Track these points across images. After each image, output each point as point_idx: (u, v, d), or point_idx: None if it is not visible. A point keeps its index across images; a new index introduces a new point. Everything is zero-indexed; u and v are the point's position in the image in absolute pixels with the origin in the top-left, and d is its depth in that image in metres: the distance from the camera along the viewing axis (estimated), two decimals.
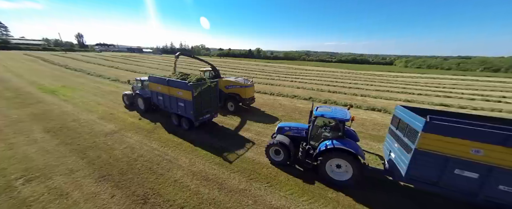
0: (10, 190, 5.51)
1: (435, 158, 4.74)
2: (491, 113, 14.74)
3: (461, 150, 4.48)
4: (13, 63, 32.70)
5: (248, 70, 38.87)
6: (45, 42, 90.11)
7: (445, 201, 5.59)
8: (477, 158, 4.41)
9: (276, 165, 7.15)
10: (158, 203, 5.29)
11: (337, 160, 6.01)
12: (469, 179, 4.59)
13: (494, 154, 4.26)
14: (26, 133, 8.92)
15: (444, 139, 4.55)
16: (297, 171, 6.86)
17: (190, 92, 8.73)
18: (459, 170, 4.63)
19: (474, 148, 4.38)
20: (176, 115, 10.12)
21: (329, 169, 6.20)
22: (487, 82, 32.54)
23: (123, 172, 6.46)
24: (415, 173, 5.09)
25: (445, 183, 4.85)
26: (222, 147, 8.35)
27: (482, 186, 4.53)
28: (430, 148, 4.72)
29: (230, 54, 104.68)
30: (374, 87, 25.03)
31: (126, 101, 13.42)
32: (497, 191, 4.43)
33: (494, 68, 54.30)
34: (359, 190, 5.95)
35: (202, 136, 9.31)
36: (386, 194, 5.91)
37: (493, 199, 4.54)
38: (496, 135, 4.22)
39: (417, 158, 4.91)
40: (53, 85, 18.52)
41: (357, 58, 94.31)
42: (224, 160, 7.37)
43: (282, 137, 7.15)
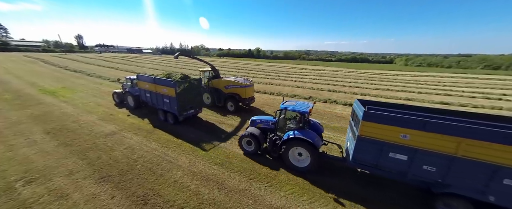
0: (10, 191, 5.51)
1: (373, 143, 5.37)
2: (484, 110, 14.70)
3: (393, 135, 5.08)
4: (13, 65, 32.72)
5: (247, 70, 38.83)
6: (45, 43, 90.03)
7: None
8: (405, 142, 5.00)
9: (248, 156, 7.66)
10: (158, 204, 5.29)
11: (298, 149, 6.63)
12: (400, 161, 5.20)
13: (417, 138, 4.84)
14: (26, 134, 8.93)
15: (379, 127, 5.16)
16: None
17: (174, 89, 9.45)
18: (392, 153, 5.24)
19: (402, 134, 4.97)
20: (163, 110, 10.76)
21: (292, 157, 6.82)
22: (488, 80, 32.44)
23: (123, 173, 6.46)
24: (359, 158, 5.75)
25: (382, 165, 5.48)
26: (222, 147, 8.35)
27: (410, 167, 5.12)
28: (369, 134, 5.34)
29: (230, 54, 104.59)
30: (374, 86, 24.97)
31: (117, 99, 13.96)
32: (422, 170, 5.03)
33: (494, 66, 54.08)
34: (318, 175, 6.61)
35: (203, 135, 9.30)
36: (339, 178, 6.60)
37: (418, 178, 5.16)
38: (417, 122, 4.79)
39: (359, 144, 5.57)
40: (53, 87, 18.53)
41: (357, 57, 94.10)
42: (224, 160, 7.37)
43: (253, 129, 7.75)
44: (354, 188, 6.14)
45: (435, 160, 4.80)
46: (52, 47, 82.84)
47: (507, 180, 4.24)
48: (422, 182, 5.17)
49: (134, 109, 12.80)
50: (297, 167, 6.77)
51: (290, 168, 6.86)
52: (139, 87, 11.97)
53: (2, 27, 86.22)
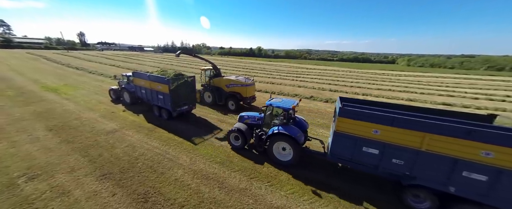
0: (12, 188, 5.56)
1: (348, 138, 5.69)
2: (487, 112, 14.55)
3: (365, 131, 5.39)
4: (16, 62, 32.92)
5: (249, 69, 38.76)
6: (47, 40, 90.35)
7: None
8: (376, 137, 5.31)
9: (236, 150, 7.94)
10: (158, 202, 5.30)
11: (282, 144, 6.93)
12: (372, 155, 5.50)
13: (387, 133, 5.14)
14: (28, 131, 8.99)
15: (354, 123, 5.50)
16: (299, 170, 6.84)
17: (167, 85, 9.82)
18: (366, 148, 5.55)
19: (374, 129, 5.27)
20: (157, 106, 11.12)
21: (276, 151, 7.15)
22: (491, 81, 32.13)
23: (124, 171, 6.49)
24: (336, 152, 6.09)
25: (357, 159, 5.78)
26: (223, 145, 8.35)
27: (381, 160, 5.43)
28: (345, 130, 5.68)
29: (231, 52, 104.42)
30: (376, 86, 24.84)
31: (113, 96, 14.33)
32: (391, 163, 5.32)
33: (498, 66, 53.48)
34: (301, 168, 6.92)
35: (204, 134, 9.31)
36: (318, 171, 6.92)
37: (389, 171, 5.45)
38: (386, 118, 5.09)
39: (336, 139, 5.92)
40: (55, 84, 18.63)
41: (359, 57, 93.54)
42: (224, 159, 7.38)
43: (240, 125, 8.02)
44: (333, 180, 6.42)
45: (403, 154, 5.10)
46: (55, 45, 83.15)
47: (465, 172, 4.51)
48: (392, 174, 5.44)
49: (130, 105, 13.19)
50: (281, 161, 7.06)
51: (274, 162, 7.17)
52: (135, 84, 12.33)
53: (5, 24, 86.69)
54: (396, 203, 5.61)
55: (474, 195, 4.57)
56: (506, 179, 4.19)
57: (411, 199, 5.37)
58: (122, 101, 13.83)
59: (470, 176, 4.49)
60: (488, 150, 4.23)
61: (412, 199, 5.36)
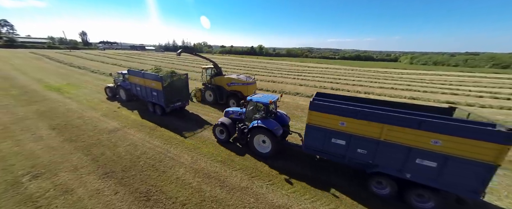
0: (17, 186, 5.64)
1: (319, 130, 6.08)
2: (492, 110, 14.36)
3: (333, 123, 5.79)
4: (19, 61, 33.24)
5: (250, 68, 38.67)
6: (50, 40, 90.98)
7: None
8: (343, 129, 5.70)
9: (221, 144, 8.38)
10: (160, 200, 5.34)
11: (261, 136, 7.33)
12: (340, 146, 5.91)
13: (352, 125, 5.53)
14: (32, 130, 9.09)
15: (323, 116, 5.88)
16: (298, 170, 6.83)
17: (161, 82, 10.26)
18: (334, 139, 5.95)
19: (340, 121, 5.65)
20: (151, 103, 11.57)
21: (257, 144, 7.56)
22: (496, 79, 31.64)
23: (126, 169, 6.54)
24: (309, 144, 6.49)
25: (327, 150, 6.20)
26: (224, 144, 8.35)
27: (347, 150, 5.84)
28: (315, 122, 6.08)
29: (232, 51, 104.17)
30: (378, 84, 24.63)
31: (109, 93, 14.61)
32: (357, 153, 5.72)
33: (503, 64, 52.65)
34: (280, 159, 7.35)
35: (205, 133, 9.33)
36: (294, 161, 7.32)
37: (354, 160, 5.86)
38: (351, 111, 5.47)
39: (308, 132, 6.32)
40: (58, 83, 18.78)
41: (361, 55, 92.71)
42: (226, 158, 7.39)
43: (225, 119, 8.45)
44: (309, 170, 6.86)
45: (366, 143, 5.50)
46: (57, 44, 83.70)
47: (418, 159, 4.91)
48: (358, 163, 5.86)
49: (126, 102, 13.67)
50: (261, 153, 7.48)
51: (255, 154, 7.58)
52: (130, 81, 12.74)
53: (8, 24, 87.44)
54: (335, 184, 6.17)
55: (426, 180, 4.98)
56: (451, 165, 4.60)
57: (374, 186, 5.81)
58: (118, 98, 14.26)
59: (423, 163, 4.89)
60: (436, 138, 4.59)
61: (376, 186, 5.80)
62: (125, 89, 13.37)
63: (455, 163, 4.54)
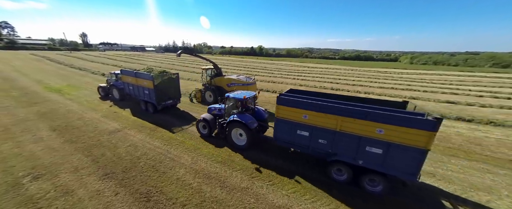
0: (18, 187, 5.65)
1: (286, 123, 6.59)
2: (492, 110, 14.34)
3: (297, 116, 6.28)
4: (20, 63, 33.34)
5: (250, 68, 38.71)
6: (50, 41, 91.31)
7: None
8: (306, 121, 6.20)
9: (204, 138, 8.89)
10: (160, 201, 5.34)
11: (238, 130, 7.84)
12: (304, 137, 6.40)
13: (313, 117, 6.02)
14: (33, 131, 9.11)
15: (289, 109, 6.38)
16: (299, 170, 6.83)
17: (152, 81, 10.79)
18: (299, 131, 6.43)
19: (303, 114, 6.15)
20: (144, 101, 12.05)
21: (235, 137, 8.05)
22: (496, 78, 31.61)
23: (126, 170, 6.54)
24: (278, 136, 7.02)
25: (294, 141, 6.67)
26: (224, 145, 8.36)
27: (311, 141, 6.33)
28: (282, 116, 6.60)
29: (232, 52, 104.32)
30: (378, 84, 24.62)
31: (102, 93, 15.00)
32: (318, 143, 6.24)
33: (503, 64, 52.58)
34: (254, 150, 7.87)
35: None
36: (267, 153, 7.85)
37: (317, 150, 6.36)
38: (311, 104, 5.99)
39: (277, 125, 6.87)
40: (58, 84, 18.83)
41: (361, 55, 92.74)
42: (226, 158, 7.39)
43: (207, 115, 9.00)
44: (279, 162, 7.28)
45: (325, 134, 6.02)
46: (58, 45, 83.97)
47: (367, 147, 5.45)
48: (319, 153, 6.37)
49: (119, 101, 14.13)
50: (238, 146, 7.98)
51: (233, 147, 8.05)
52: (123, 81, 13.20)
53: (9, 25, 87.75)
54: (300, 172, 6.64)
55: (375, 166, 5.53)
56: (393, 151, 5.15)
57: (334, 172, 6.34)
58: (111, 97, 14.72)
59: (371, 150, 5.44)
60: (380, 128, 5.14)
61: (335, 172, 6.34)
62: (118, 88, 13.80)
63: (395, 149, 5.11)
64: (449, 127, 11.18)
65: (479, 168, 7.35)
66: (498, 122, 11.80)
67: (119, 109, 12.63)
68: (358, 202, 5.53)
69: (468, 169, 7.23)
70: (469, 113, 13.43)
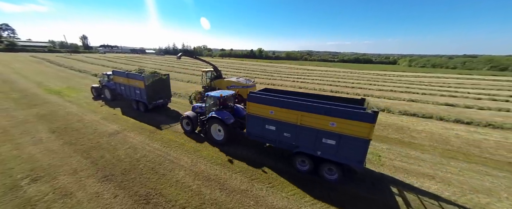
0: (16, 189, 5.61)
1: (256, 118, 7.14)
2: (490, 112, 14.42)
3: (265, 112, 6.86)
4: (20, 65, 33.38)
5: (250, 71, 38.88)
6: (50, 44, 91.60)
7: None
8: (272, 116, 6.78)
9: (187, 134, 9.42)
10: (160, 203, 5.32)
11: (217, 126, 8.39)
12: (272, 131, 6.95)
13: (278, 113, 6.59)
14: (32, 133, 9.09)
15: (258, 106, 6.97)
16: (298, 173, 6.82)
17: (143, 81, 11.38)
18: (267, 125, 6.99)
19: (270, 110, 6.73)
20: (135, 100, 12.55)
21: (215, 133, 8.59)
22: (494, 81, 31.86)
23: (126, 172, 6.52)
24: (250, 131, 7.57)
25: (264, 135, 7.23)
26: (224, 147, 8.35)
27: (278, 134, 6.88)
28: (252, 112, 7.17)
29: (232, 54, 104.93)
30: (377, 86, 24.76)
31: (94, 93, 15.46)
32: (283, 136, 6.77)
33: (501, 66, 53.08)
34: (231, 146, 8.40)
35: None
36: (244, 147, 8.40)
37: (283, 142, 6.92)
38: (276, 101, 6.55)
39: (248, 120, 7.45)
40: (58, 86, 18.84)
41: (360, 58, 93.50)
42: (225, 161, 7.39)
43: (190, 113, 9.59)
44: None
45: (289, 128, 6.56)
46: (58, 48, 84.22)
47: (324, 139, 5.99)
48: (285, 145, 6.91)
49: (111, 101, 14.50)
50: (217, 140, 8.53)
51: (213, 142, 8.60)
52: (115, 81, 13.70)
53: (9, 28, 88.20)
54: (246, 153, 7.55)
55: (330, 156, 6.10)
56: (343, 142, 5.72)
57: (299, 163, 6.84)
58: (103, 97, 15.09)
59: (326, 141, 5.99)
60: (332, 121, 5.72)
61: (299, 163, 6.83)
62: (110, 88, 14.23)
63: (345, 140, 5.68)
64: (448, 130, 11.23)
65: (478, 170, 7.37)
66: (496, 124, 11.86)
67: (109, 108, 13.05)
68: (358, 203, 5.52)
69: (467, 172, 7.24)
70: (468, 116, 13.50)
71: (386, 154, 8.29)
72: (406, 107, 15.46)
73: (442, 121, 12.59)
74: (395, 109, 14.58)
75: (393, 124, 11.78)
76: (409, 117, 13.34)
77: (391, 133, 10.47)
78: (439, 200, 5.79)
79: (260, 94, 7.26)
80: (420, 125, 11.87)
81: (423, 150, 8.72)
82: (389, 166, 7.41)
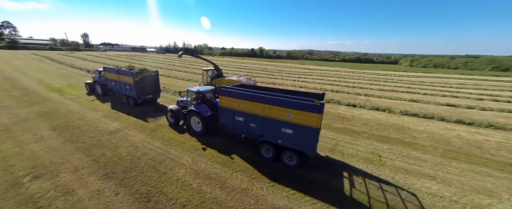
0: (18, 186, 5.65)
1: (227, 111, 7.82)
2: (492, 113, 14.35)
3: (234, 105, 7.52)
4: (21, 63, 33.45)
5: (250, 69, 38.79)
6: (52, 41, 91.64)
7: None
8: (240, 109, 7.39)
9: (172, 127, 10.08)
10: (160, 202, 5.34)
11: (196, 118, 9.14)
12: (240, 122, 7.61)
13: (245, 105, 7.23)
14: (33, 130, 9.13)
15: (228, 99, 7.62)
16: (301, 171, 6.83)
17: (132, 77, 12.12)
18: (237, 117, 7.63)
19: (238, 103, 7.35)
20: (125, 95, 13.29)
21: (194, 125, 9.36)
22: (496, 81, 31.67)
23: (127, 170, 6.54)
24: (223, 122, 8.25)
25: (234, 126, 7.87)
26: (225, 146, 8.36)
27: (246, 125, 7.51)
28: (225, 105, 7.85)
29: (233, 53, 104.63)
30: (378, 86, 24.65)
31: (88, 88, 16.19)
32: (251, 127, 7.42)
33: (503, 67, 52.64)
34: (208, 136, 9.13)
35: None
36: (219, 137, 9.24)
37: (250, 132, 7.57)
38: (243, 94, 7.20)
39: (221, 112, 8.11)
40: (59, 84, 18.88)
41: (361, 57, 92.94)
42: (226, 159, 7.40)
43: (174, 106, 10.34)
44: (226, 143, 8.18)
45: (255, 119, 7.17)
46: (59, 46, 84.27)
47: (283, 128, 6.62)
48: (252, 135, 7.54)
49: (102, 96, 15.29)
50: (196, 132, 9.31)
51: (192, 133, 9.36)
52: (106, 77, 14.52)
53: (11, 25, 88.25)
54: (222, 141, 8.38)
55: (289, 144, 6.71)
56: (298, 130, 6.34)
57: (264, 151, 7.44)
58: (96, 93, 15.79)
59: (285, 131, 6.61)
60: (289, 112, 6.32)
61: (265, 151, 7.43)
62: (101, 84, 15.00)
63: (300, 129, 6.29)
64: (449, 130, 11.19)
65: (479, 171, 7.35)
66: (498, 125, 11.80)
67: (100, 103, 13.74)
68: (359, 203, 5.51)
69: (469, 172, 7.23)
70: (469, 116, 13.44)
71: (387, 154, 8.28)
72: (407, 107, 15.41)
73: (444, 122, 12.54)
74: (396, 109, 14.54)
75: (394, 124, 11.75)
76: (410, 117, 13.30)
77: (392, 133, 10.45)
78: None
79: (230, 89, 7.83)
80: (421, 125, 11.83)
81: (424, 151, 8.71)
82: (390, 166, 7.40)
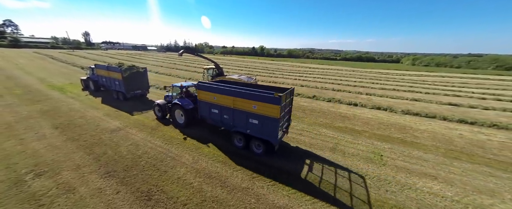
0: (20, 184, 5.69)
1: (204, 104, 8.50)
2: (494, 112, 14.22)
3: (210, 98, 8.16)
4: (24, 61, 33.59)
5: (251, 68, 38.70)
6: (53, 40, 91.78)
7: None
8: (215, 102, 8.03)
9: (159, 120, 10.72)
10: (161, 200, 5.36)
11: (180, 112, 9.78)
12: (216, 114, 8.21)
13: (219, 98, 7.85)
14: (35, 129, 9.18)
15: (205, 93, 8.30)
16: (300, 171, 6.82)
17: (120, 73, 12.91)
18: (213, 109, 8.27)
19: (214, 96, 8.00)
20: (115, 91, 14.02)
21: (178, 117, 10.03)
22: (500, 81, 31.35)
23: (127, 169, 6.57)
24: (201, 114, 8.94)
25: (211, 118, 8.53)
26: (226, 145, 8.37)
27: (220, 116, 8.11)
28: (202, 98, 8.54)
29: (234, 52, 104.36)
30: (379, 85, 24.51)
31: (83, 84, 17.07)
32: (224, 118, 8.01)
33: (506, 66, 52.09)
34: (190, 128, 9.78)
35: (206, 133, 9.35)
36: (199, 128, 9.92)
37: (224, 123, 8.20)
38: (216, 88, 7.83)
39: (199, 105, 8.82)
40: (61, 82, 18.96)
41: (363, 56, 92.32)
42: (227, 158, 7.39)
43: (161, 101, 10.93)
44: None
45: (227, 111, 7.77)
46: (60, 44, 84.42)
47: (250, 119, 7.19)
48: (226, 126, 8.20)
49: (95, 91, 16.00)
50: (179, 124, 9.93)
51: (176, 125, 9.99)
52: (97, 74, 15.26)
53: (13, 24, 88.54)
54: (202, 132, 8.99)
55: (255, 133, 7.28)
56: (263, 121, 6.91)
57: (236, 140, 8.06)
58: (89, 88, 16.56)
59: (252, 121, 7.16)
60: (254, 104, 6.87)
61: (237, 141, 8.04)
62: (93, 80, 15.80)
63: (263, 119, 6.85)
64: (451, 130, 11.11)
65: (481, 171, 7.30)
66: (501, 125, 11.70)
67: (93, 98, 14.53)
68: (359, 202, 5.50)
69: (471, 172, 7.18)
70: (472, 116, 13.34)
71: (388, 153, 8.24)
72: (409, 106, 15.31)
73: (446, 121, 12.46)
74: (398, 108, 14.45)
75: (395, 124, 11.69)
76: (412, 116, 13.22)
77: (393, 133, 10.40)
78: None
79: (206, 84, 8.51)
80: (423, 124, 11.76)
81: (426, 150, 8.66)
82: (391, 165, 7.37)
